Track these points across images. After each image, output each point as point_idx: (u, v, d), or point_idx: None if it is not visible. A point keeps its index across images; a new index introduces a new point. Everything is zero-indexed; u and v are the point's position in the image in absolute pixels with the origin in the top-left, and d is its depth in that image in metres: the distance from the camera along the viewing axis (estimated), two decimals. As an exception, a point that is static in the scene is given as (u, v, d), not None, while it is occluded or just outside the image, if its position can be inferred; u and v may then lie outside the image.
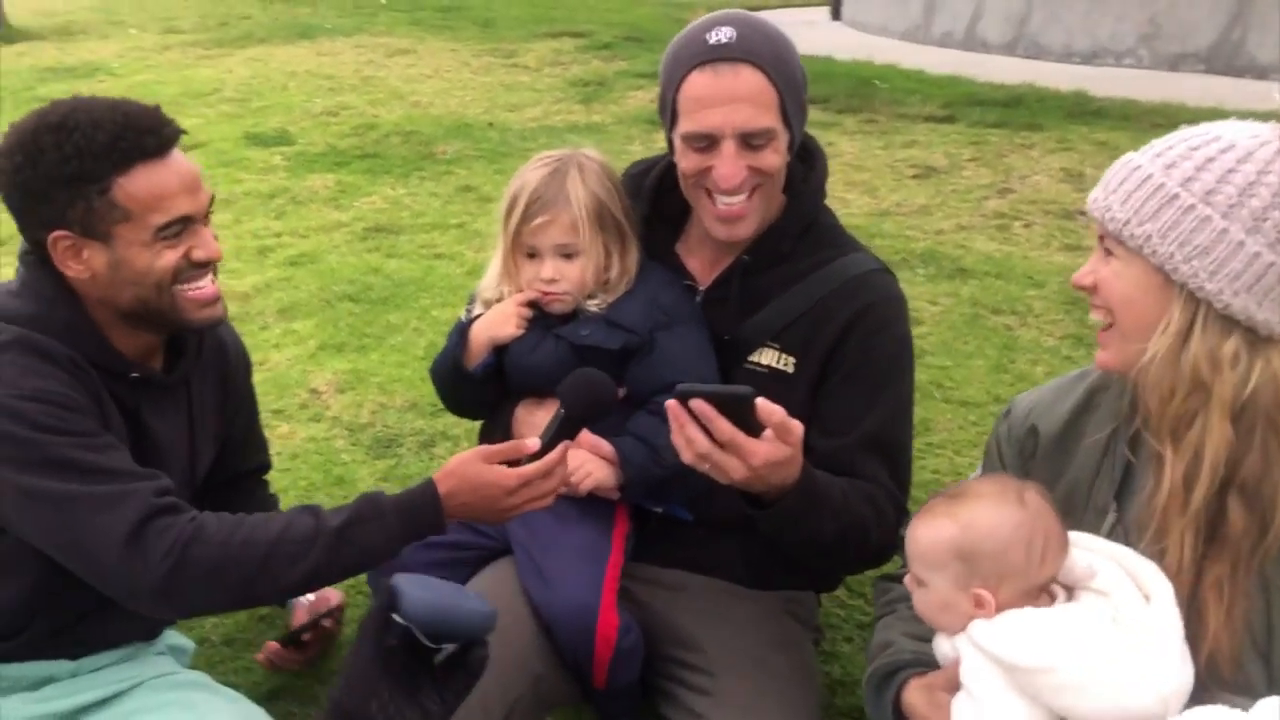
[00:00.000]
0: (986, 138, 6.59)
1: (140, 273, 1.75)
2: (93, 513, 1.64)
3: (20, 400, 1.66)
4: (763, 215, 1.98)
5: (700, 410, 1.56)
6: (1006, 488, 1.53)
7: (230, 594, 1.72)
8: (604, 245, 2.02)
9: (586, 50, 9.87)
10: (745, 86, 1.84)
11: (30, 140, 1.71)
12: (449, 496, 1.76)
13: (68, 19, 12.38)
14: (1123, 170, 1.48)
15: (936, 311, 4.25)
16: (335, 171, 6.32)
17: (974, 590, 1.48)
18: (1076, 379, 1.73)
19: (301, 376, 3.86)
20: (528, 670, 1.96)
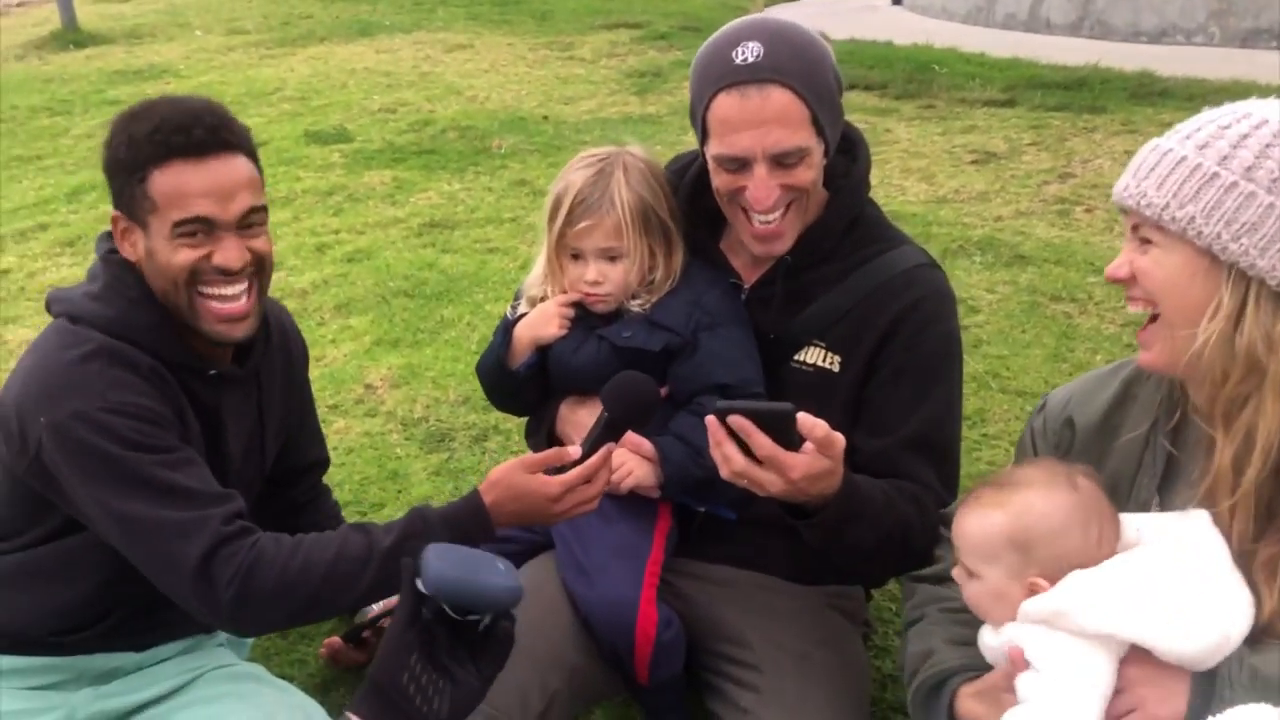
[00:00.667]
0: (1048, 121, 6.45)
1: (162, 265, 1.80)
2: (167, 540, 1.70)
3: (107, 414, 1.71)
4: (800, 226, 1.96)
5: (738, 426, 1.56)
6: (1056, 472, 1.50)
7: (293, 615, 1.79)
8: (649, 247, 2.00)
9: (643, 41, 9.85)
10: (774, 108, 1.80)
11: (114, 126, 1.82)
12: (495, 506, 1.80)
13: (136, 22, 12.66)
14: (1152, 156, 1.44)
15: (994, 300, 4.18)
16: (392, 168, 6.39)
17: (1029, 579, 1.45)
18: (1112, 371, 1.69)
19: (357, 372, 3.91)
20: (566, 664, 1.98)
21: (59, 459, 1.71)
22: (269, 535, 1.74)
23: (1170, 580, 1.37)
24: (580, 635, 2.01)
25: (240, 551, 1.69)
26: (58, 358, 1.75)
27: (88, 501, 1.72)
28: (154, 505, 1.70)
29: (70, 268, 5.14)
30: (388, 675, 1.44)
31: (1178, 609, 1.35)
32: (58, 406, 1.71)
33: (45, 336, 1.84)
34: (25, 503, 1.83)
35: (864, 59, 8.38)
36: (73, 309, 1.82)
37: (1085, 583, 1.40)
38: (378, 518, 3.03)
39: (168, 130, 1.76)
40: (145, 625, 1.94)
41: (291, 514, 2.37)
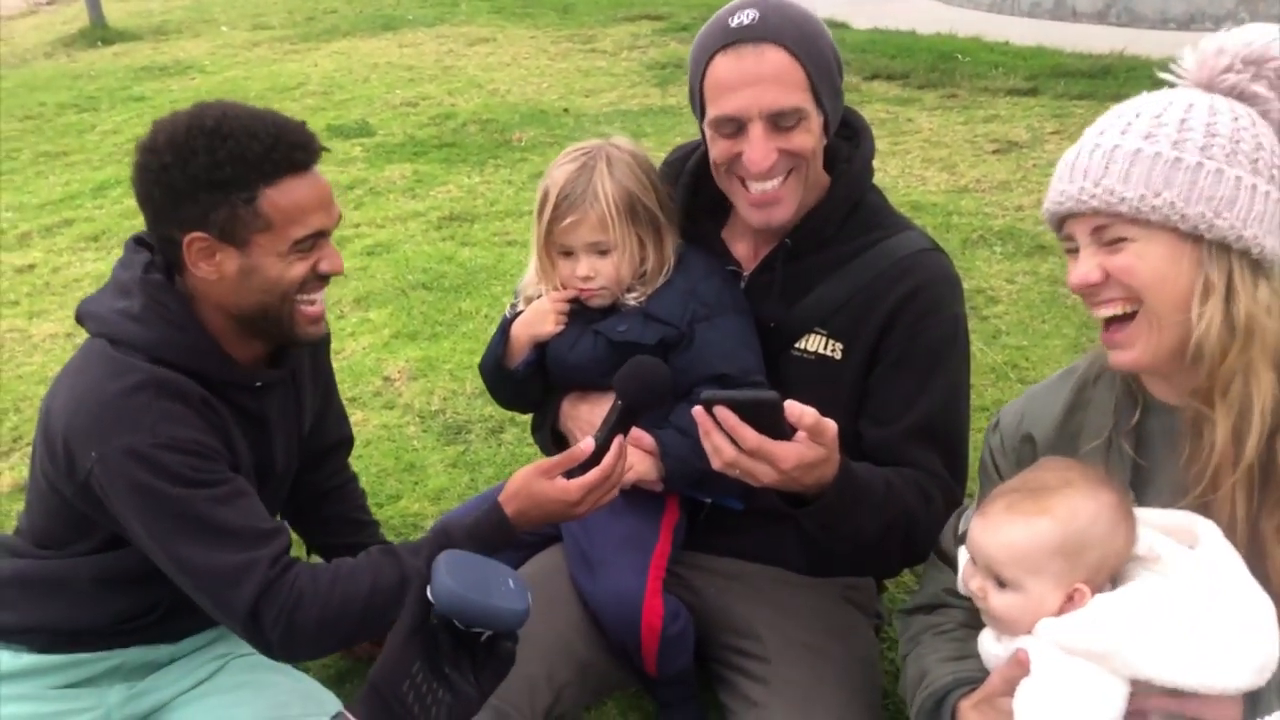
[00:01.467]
0: (1071, 110, 6.39)
1: (271, 281, 1.78)
2: (218, 587, 1.72)
3: (159, 449, 1.70)
4: (800, 199, 1.92)
5: (724, 419, 1.54)
6: (1089, 472, 1.46)
7: (339, 643, 1.88)
8: (638, 237, 1.98)
9: (665, 33, 9.84)
10: (769, 66, 1.79)
11: (183, 141, 1.71)
12: (518, 515, 1.82)
13: (163, 19, 12.77)
14: (1096, 157, 1.40)
15: (1014, 290, 4.15)
16: (413, 161, 6.42)
17: (1074, 587, 1.41)
18: (1061, 379, 1.66)
19: (375, 365, 3.93)
20: (574, 657, 1.98)
21: (110, 492, 1.71)
22: (306, 570, 1.75)
23: (1203, 615, 1.33)
24: (588, 628, 2.02)
25: (282, 593, 1.71)
26: (106, 388, 1.73)
27: (139, 534, 1.74)
28: (206, 548, 1.70)
29: (95, 262, 5.20)
30: (388, 681, 1.44)
31: (1217, 648, 1.32)
32: (109, 440, 1.69)
33: (89, 360, 1.80)
34: (70, 518, 1.84)
35: (886, 49, 8.32)
36: (112, 331, 1.79)
37: (1117, 619, 1.36)
38: (394, 510, 3.05)
39: (286, 147, 1.73)
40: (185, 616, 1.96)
41: (319, 499, 2.39)
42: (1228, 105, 1.40)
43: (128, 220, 5.73)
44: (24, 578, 1.92)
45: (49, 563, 1.91)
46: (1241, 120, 1.39)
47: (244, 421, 1.90)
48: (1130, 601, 1.38)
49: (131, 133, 7.58)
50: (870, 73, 7.65)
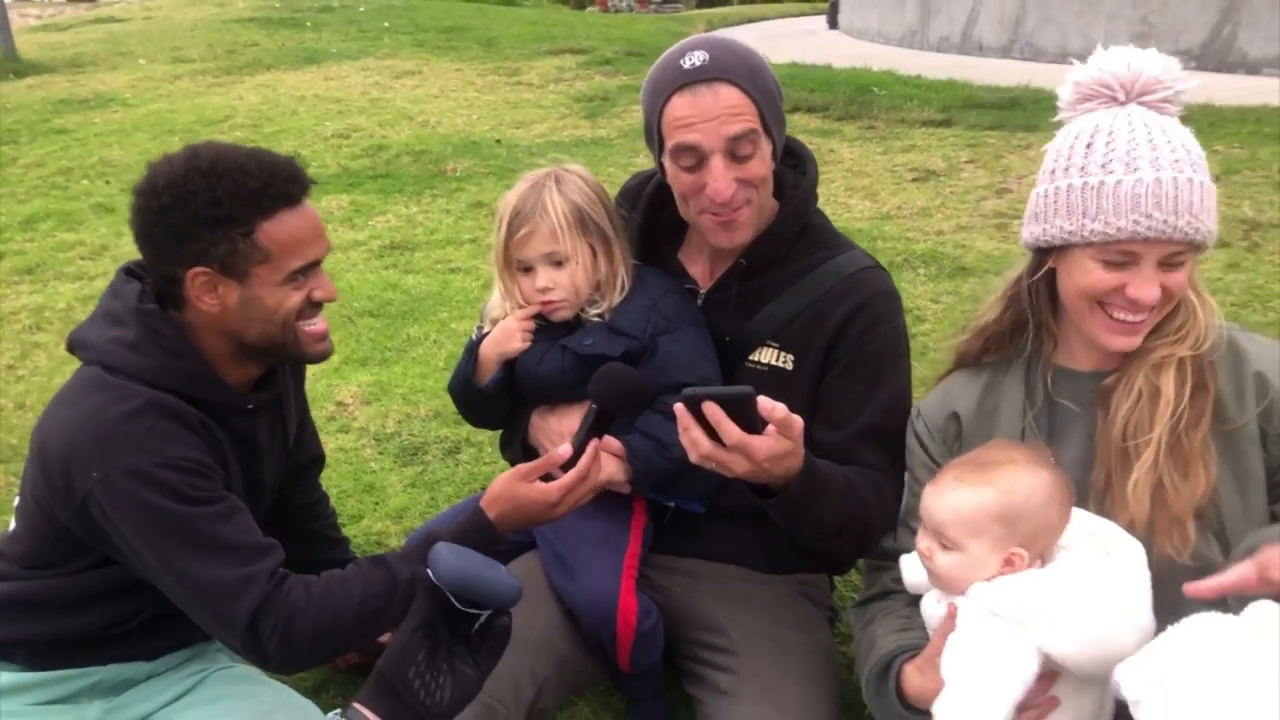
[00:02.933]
0: (984, 140, 6.70)
1: (270, 309, 1.87)
2: (219, 600, 1.77)
3: (163, 469, 1.75)
4: (757, 221, 2.09)
5: (710, 414, 1.66)
6: (1032, 451, 1.65)
7: (332, 653, 1.93)
8: (589, 248, 2.11)
9: (589, 66, 10.01)
10: (725, 102, 1.94)
11: (181, 182, 1.79)
12: (500, 519, 1.93)
13: (76, 51, 12.56)
14: (1170, 190, 1.58)
15: (939, 309, 4.36)
16: (349, 192, 6.46)
17: (1010, 551, 1.58)
18: (970, 373, 1.91)
19: (328, 390, 3.98)
20: (554, 653, 2.09)
21: (113, 514, 1.76)
22: (298, 582, 1.82)
23: (1102, 592, 1.53)
24: (567, 627, 2.12)
25: (278, 605, 1.77)
26: (107, 412, 1.78)
27: (140, 553, 1.78)
28: (208, 563, 1.76)
29: (31, 295, 5.14)
30: (395, 670, 1.56)
31: (1101, 639, 1.51)
32: (112, 462, 1.74)
33: (84, 387, 1.85)
34: (61, 542, 1.88)
35: (806, 82, 8.61)
36: (109, 359, 1.84)
37: (1034, 592, 1.54)
38: (355, 529, 3.11)
39: (280, 182, 1.82)
40: (163, 630, 2.01)
41: (296, 516, 2.45)
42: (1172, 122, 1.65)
43: (61, 253, 5.68)
44: (9, 598, 1.95)
45: (34, 583, 1.94)
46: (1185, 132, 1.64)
47: (237, 442, 1.97)
48: (1051, 581, 1.56)
49: (55, 165, 7.48)
50: (791, 105, 7.90)
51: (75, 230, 6.09)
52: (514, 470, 1.94)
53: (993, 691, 1.50)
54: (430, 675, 1.57)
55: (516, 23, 13.66)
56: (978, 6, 12.48)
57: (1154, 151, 1.59)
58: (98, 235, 5.91)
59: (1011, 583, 1.56)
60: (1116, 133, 1.62)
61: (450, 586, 1.54)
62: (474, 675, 1.62)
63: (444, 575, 1.54)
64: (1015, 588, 1.55)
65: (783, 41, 13.96)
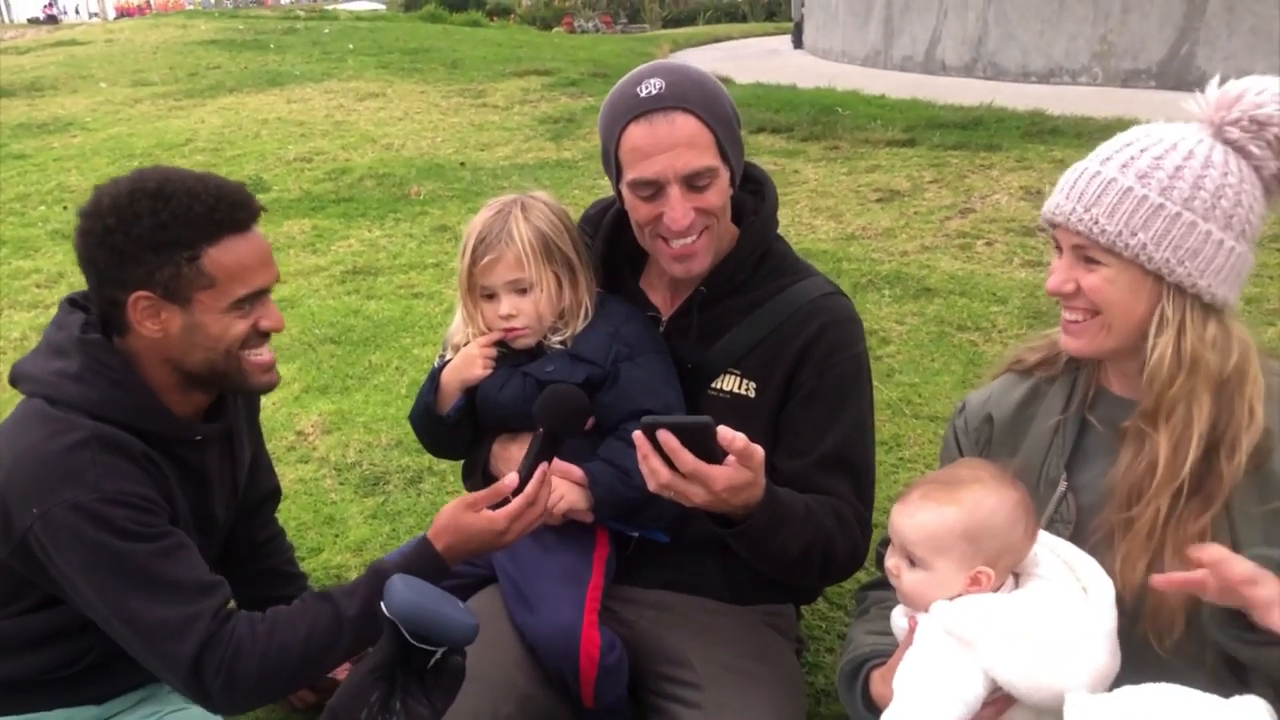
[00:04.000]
0: (947, 160, 6.75)
1: (213, 338, 1.83)
2: (162, 640, 1.73)
3: (103, 504, 1.71)
4: (715, 249, 2.07)
5: (665, 442, 1.64)
6: (998, 471, 1.64)
7: (278, 692, 1.88)
8: (555, 276, 2.09)
9: (554, 88, 10.02)
10: (682, 132, 1.92)
11: (126, 205, 1.75)
12: (448, 550, 1.88)
13: (35, 75, 12.44)
14: (1093, 183, 1.58)
15: (904, 330, 4.36)
16: (311, 216, 6.41)
17: (977, 570, 1.58)
18: (1020, 376, 1.87)
19: (288, 419, 3.92)
20: (516, 690, 2.04)
21: (53, 550, 1.72)
22: (243, 620, 1.78)
23: (1045, 640, 1.51)
24: (529, 663, 2.07)
25: (222, 644, 1.73)
26: (47, 447, 1.74)
27: (82, 589, 1.73)
28: (150, 602, 1.72)
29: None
30: (347, 710, 1.51)
31: (1043, 674, 1.49)
32: (51, 496, 1.71)
33: (25, 420, 1.81)
34: (4, 580, 1.83)
35: (770, 103, 8.65)
36: (51, 391, 1.80)
37: (986, 616, 1.53)
38: (315, 563, 3.05)
39: (227, 207, 1.78)
40: (110, 672, 1.96)
41: (251, 552, 2.41)
42: (1224, 158, 1.56)
43: (16, 281, 5.59)
44: None
45: None
46: (1230, 177, 1.55)
47: (184, 475, 1.92)
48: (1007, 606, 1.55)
49: (13, 191, 7.38)
50: (755, 126, 7.94)
51: (31, 257, 6.00)
52: (460, 500, 1.90)
53: (936, 709, 1.50)
54: (383, 717, 1.53)
55: (482, 44, 13.66)
56: (940, 26, 12.61)
57: (1144, 161, 1.57)
58: (54, 262, 5.82)
59: (969, 604, 1.55)
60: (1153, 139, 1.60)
61: (403, 621, 1.50)
62: (428, 715, 1.57)
63: (397, 610, 1.49)
64: (971, 609, 1.54)
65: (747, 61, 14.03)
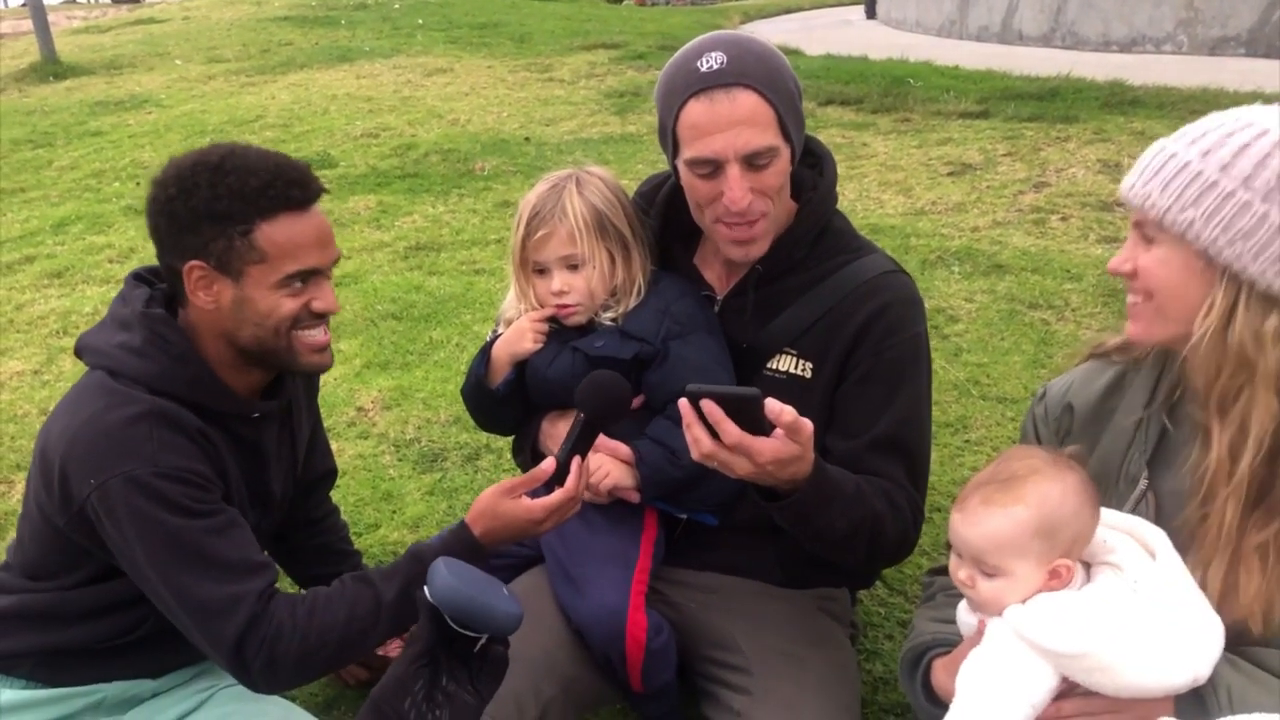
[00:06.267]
0: (1022, 132, 6.56)
1: (262, 314, 1.83)
2: (209, 616, 1.76)
3: (159, 479, 1.74)
4: (774, 230, 2.01)
5: (709, 413, 1.60)
6: (1052, 457, 1.57)
7: (322, 671, 1.90)
8: (608, 253, 2.06)
9: (621, 61, 9.97)
10: (743, 110, 1.86)
11: (188, 175, 1.79)
12: (485, 535, 1.88)
13: (115, 53, 12.71)
14: (1159, 158, 1.50)
15: (973, 309, 4.25)
16: (376, 192, 6.45)
17: (1056, 563, 1.50)
18: (1104, 364, 1.77)
19: (348, 395, 3.95)
20: (559, 673, 2.02)
21: (108, 521, 1.74)
22: (284, 602, 1.79)
23: (1140, 636, 1.43)
24: (574, 645, 2.06)
25: (264, 625, 1.75)
26: (106, 418, 1.76)
27: (135, 562, 1.76)
28: (198, 579, 1.74)
29: (59, 299, 5.17)
30: (391, 700, 1.50)
31: (1146, 673, 1.42)
32: (108, 469, 1.73)
33: (87, 391, 1.84)
34: (62, 549, 1.87)
35: (840, 74, 8.50)
36: (113, 363, 1.83)
37: (1064, 630, 1.45)
38: (372, 539, 3.07)
39: (283, 184, 1.79)
40: (167, 645, 1.98)
41: (307, 530, 2.43)
42: None
43: (90, 256, 5.71)
44: (12, 611, 1.94)
45: (38, 595, 1.93)
46: None
47: (241, 451, 1.94)
48: (1090, 609, 1.47)
49: (90, 168, 7.54)
50: (825, 99, 7.80)
51: (105, 233, 6.12)
52: (499, 486, 1.89)
53: (1002, 712, 1.45)
54: (427, 706, 1.51)
55: (550, 18, 13.63)
56: (1018, -6, 12.28)
57: (1211, 138, 1.47)
58: (127, 238, 5.94)
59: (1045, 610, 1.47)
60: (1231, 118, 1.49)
61: (445, 608, 1.48)
62: (474, 703, 1.55)
63: (439, 595, 1.47)
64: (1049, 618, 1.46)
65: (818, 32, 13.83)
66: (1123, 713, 1.46)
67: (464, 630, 1.50)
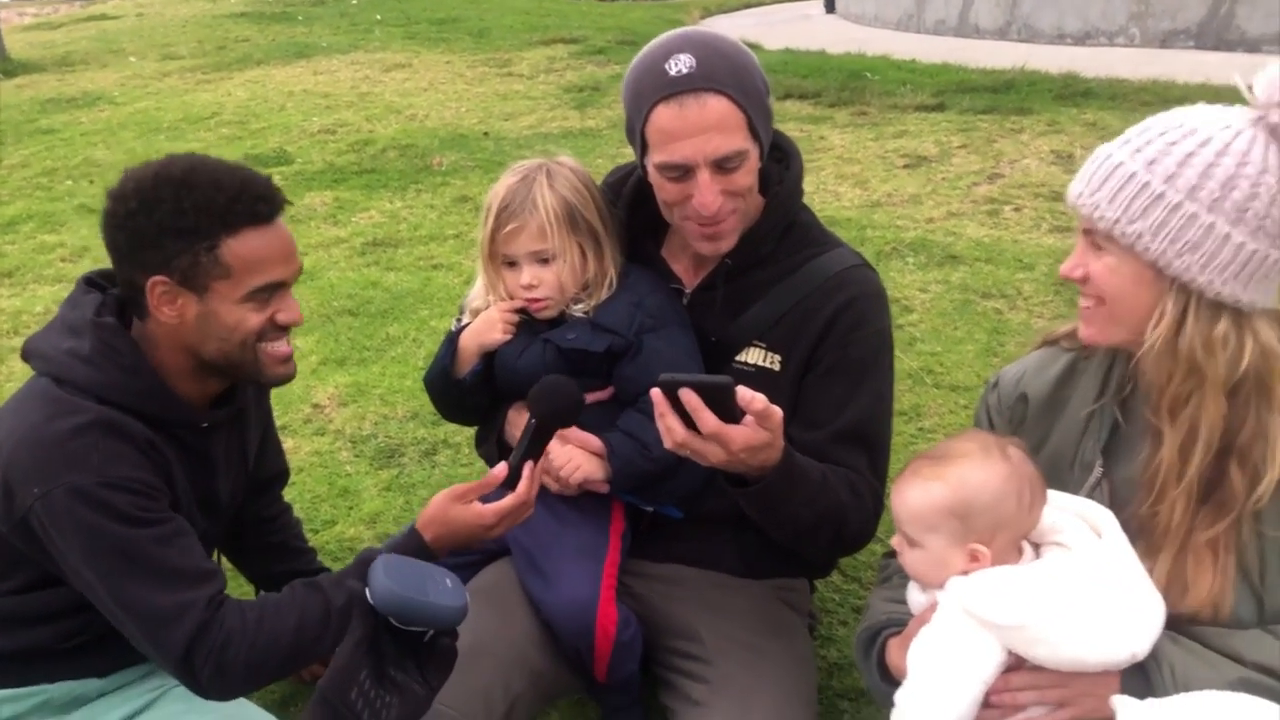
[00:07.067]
0: (976, 124, 6.63)
1: (228, 328, 1.82)
2: (156, 625, 1.73)
3: (104, 489, 1.71)
4: (742, 225, 2.02)
5: (687, 401, 1.61)
6: (988, 443, 1.59)
7: (272, 678, 1.88)
8: (579, 247, 2.05)
9: (580, 56, 9.95)
10: (712, 116, 1.85)
11: (150, 189, 1.76)
12: (435, 541, 1.88)
13: (67, 50, 12.53)
14: (1105, 166, 1.52)
15: (927, 299, 4.29)
16: (333, 188, 6.41)
17: (970, 546, 1.54)
18: (1057, 351, 1.80)
19: (304, 392, 3.92)
20: (528, 666, 2.03)
21: (53, 531, 1.72)
22: (233, 609, 1.78)
23: (1081, 611, 1.47)
24: (542, 637, 2.06)
25: (213, 632, 1.73)
26: (51, 427, 1.74)
27: (79, 572, 1.74)
28: (145, 587, 1.72)
29: (9, 299, 5.09)
30: (337, 690, 1.50)
31: (1084, 647, 1.46)
32: (52, 480, 1.71)
33: (32, 399, 1.82)
34: (4, 555, 1.84)
35: (798, 69, 8.54)
36: (60, 371, 1.81)
37: (1005, 603, 1.48)
38: (329, 535, 3.06)
39: (249, 199, 1.78)
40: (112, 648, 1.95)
41: (258, 530, 2.41)
42: (1247, 147, 1.45)
43: (41, 255, 5.63)
44: None
45: None
46: (1249, 168, 1.44)
47: (189, 460, 1.92)
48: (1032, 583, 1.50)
49: (41, 166, 7.43)
50: (783, 93, 7.83)
51: (57, 232, 6.04)
52: (450, 491, 1.89)
53: (954, 689, 1.49)
54: (375, 694, 1.52)
55: (509, 13, 13.56)
56: (974, -12, 12.39)
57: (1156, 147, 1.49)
58: (79, 237, 5.86)
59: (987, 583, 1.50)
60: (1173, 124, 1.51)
61: (387, 610, 1.48)
62: (423, 693, 1.56)
63: (378, 598, 1.48)
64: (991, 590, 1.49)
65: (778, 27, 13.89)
66: (1069, 687, 1.49)
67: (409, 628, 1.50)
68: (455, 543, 1.89)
